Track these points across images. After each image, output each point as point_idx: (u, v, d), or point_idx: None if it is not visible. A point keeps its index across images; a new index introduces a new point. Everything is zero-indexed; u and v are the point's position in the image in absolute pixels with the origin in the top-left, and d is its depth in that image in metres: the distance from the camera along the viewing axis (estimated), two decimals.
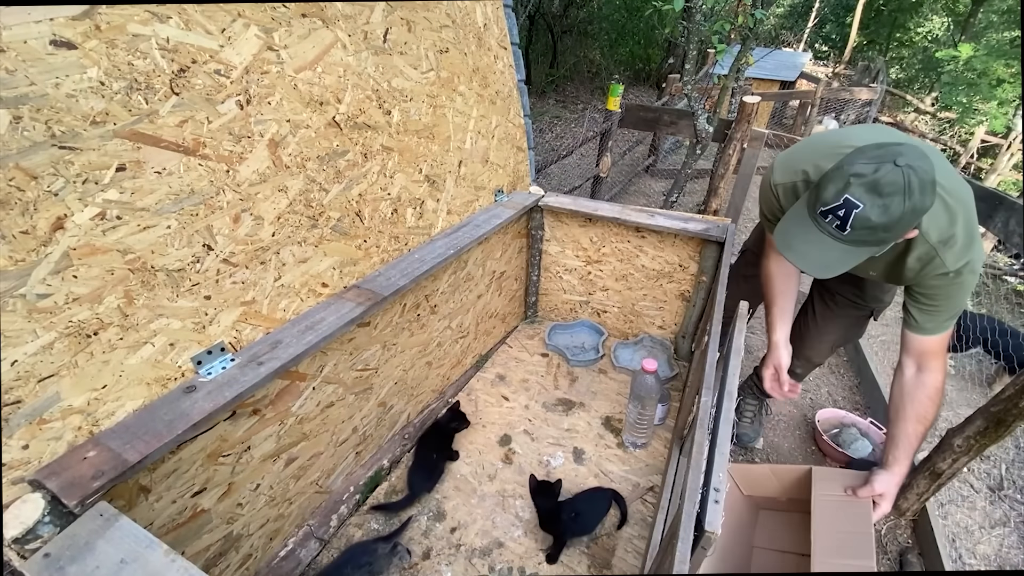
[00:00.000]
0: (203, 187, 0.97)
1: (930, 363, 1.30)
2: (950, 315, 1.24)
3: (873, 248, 1.06)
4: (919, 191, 0.96)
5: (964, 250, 1.13)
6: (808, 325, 1.76)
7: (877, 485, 1.34)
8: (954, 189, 1.13)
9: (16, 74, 0.70)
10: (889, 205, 0.97)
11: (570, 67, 11.68)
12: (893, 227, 1.00)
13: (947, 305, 1.22)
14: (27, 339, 0.78)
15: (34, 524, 0.73)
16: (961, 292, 1.20)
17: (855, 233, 1.01)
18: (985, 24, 12.05)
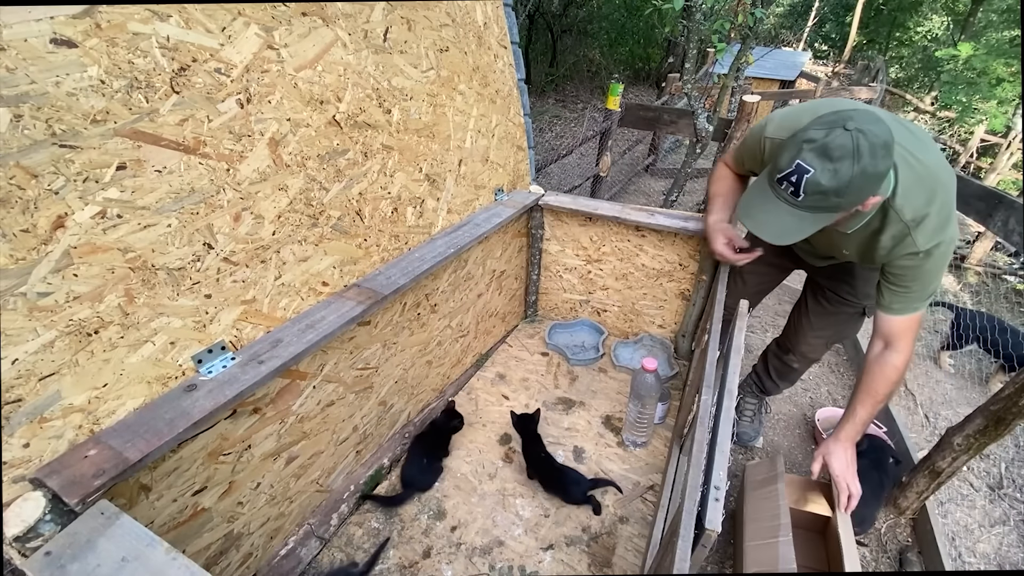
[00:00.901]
0: (203, 186, 0.97)
1: (897, 343, 1.29)
2: (920, 297, 1.23)
3: (827, 215, 1.06)
4: (868, 154, 0.96)
5: (937, 231, 1.12)
6: (802, 322, 1.76)
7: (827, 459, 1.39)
8: (935, 169, 1.13)
9: (16, 72, 0.70)
10: (839, 169, 0.97)
11: (570, 66, 11.68)
12: (844, 191, 1.00)
13: (917, 287, 1.21)
14: (28, 338, 0.78)
15: (35, 522, 0.74)
16: (931, 274, 1.19)
17: (808, 199, 1.02)
18: (985, 23, 12.04)
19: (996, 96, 7.30)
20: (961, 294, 4.07)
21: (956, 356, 2.89)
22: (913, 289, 1.21)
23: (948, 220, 1.14)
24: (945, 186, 1.14)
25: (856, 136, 0.96)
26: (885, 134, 0.98)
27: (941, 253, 1.15)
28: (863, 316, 1.65)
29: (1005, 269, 4.41)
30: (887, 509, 1.78)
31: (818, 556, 1.54)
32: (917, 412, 2.45)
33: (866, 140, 0.96)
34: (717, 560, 1.63)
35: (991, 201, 1.64)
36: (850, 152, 0.96)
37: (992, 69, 7.34)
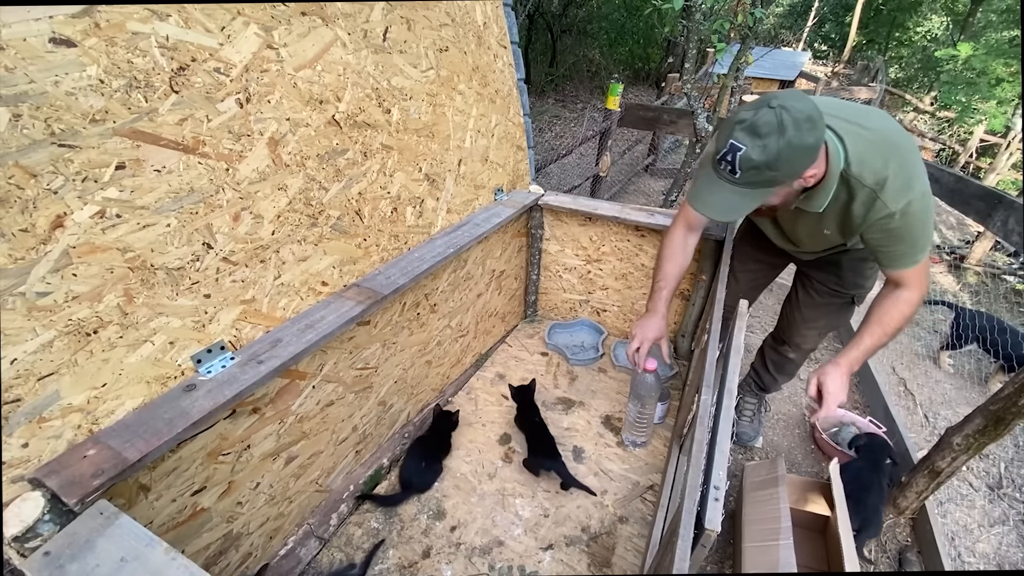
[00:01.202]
0: (203, 185, 0.97)
1: (909, 285, 1.30)
2: (916, 251, 1.24)
3: (765, 189, 1.11)
4: (793, 128, 1.01)
5: (903, 190, 1.15)
6: (794, 315, 1.77)
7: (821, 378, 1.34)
8: (884, 133, 1.17)
9: (15, 72, 0.70)
10: (767, 144, 1.03)
11: (569, 66, 11.69)
12: (775, 164, 1.05)
13: (906, 245, 1.23)
14: (27, 337, 0.77)
15: (34, 522, 0.73)
16: (915, 230, 1.20)
17: (745, 175, 1.08)
18: (984, 23, 12.05)
19: (995, 96, 7.30)
20: (961, 294, 4.07)
21: (955, 356, 2.89)
22: (906, 246, 1.23)
23: (912, 178, 1.16)
24: (899, 147, 1.17)
25: (780, 112, 1.02)
26: (809, 109, 1.04)
27: (916, 209, 1.17)
28: (853, 305, 1.67)
29: (1004, 269, 4.41)
30: (886, 509, 1.78)
31: (818, 556, 1.54)
32: (916, 412, 2.45)
33: (789, 115, 1.02)
34: (717, 560, 1.63)
35: (991, 201, 1.64)
36: (775, 127, 1.02)
37: (991, 69, 7.34)
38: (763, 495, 1.50)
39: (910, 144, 1.19)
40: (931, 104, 10.46)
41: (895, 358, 2.87)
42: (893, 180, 1.15)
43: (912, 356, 2.94)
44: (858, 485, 1.58)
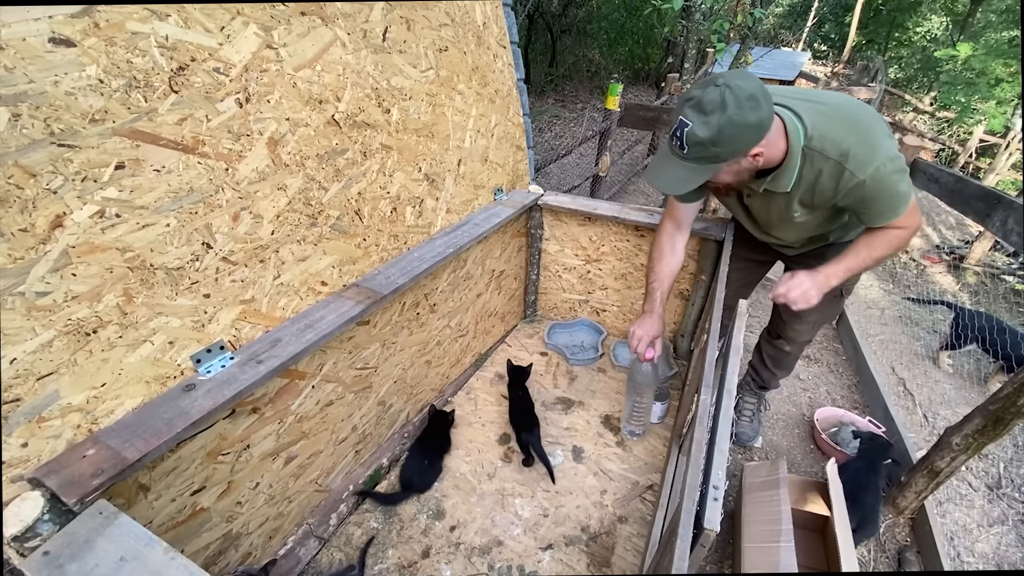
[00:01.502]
0: (202, 185, 0.97)
1: (900, 225, 1.30)
2: (897, 204, 1.24)
3: (711, 165, 1.16)
4: (735, 105, 1.06)
5: (869, 158, 1.16)
6: (787, 313, 1.77)
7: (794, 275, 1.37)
8: (842, 107, 1.22)
9: (15, 72, 0.70)
10: (710, 121, 1.08)
11: (569, 66, 11.69)
12: (718, 140, 1.10)
13: (884, 203, 1.23)
14: (26, 337, 0.77)
15: (33, 522, 0.74)
16: (889, 189, 1.20)
17: (691, 150, 1.13)
18: (984, 24, 12.05)
19: (995, 96, 7.31)
20: (960, 294, 4.07)
21: (955, 356, 2.89)
22: (881, 206, 1.24)
23: (875, 145, 1.17)
24: (857, 117, 1.20)
25: (724, 91, 1.06)
26: (753, 88, 1.08)
27: (886, 172, 1.18)
28: (841, 298, 1.69)
29: (1004, 269, 4.41)
30: (885, 509, 1.78)
31: (817, 556, 1.54)
32: (916, 412, 2.45)
33: (732, 94, 1.06)
34: (716, 560, 1.63)
35: (990, 201, 1.64)
36: (719, 105, 1.07)
37: (991, 69, 7.34)
38: (764, 496, 1.50)
39: (869, 113, 1.22)
40: (931, 104, 10.46)
41: (895, 358, 2.87)
42: (856, 149, 1.17)
43: (912, 356, 2.94)
44: (855, 485, 1.58)
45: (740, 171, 1.23)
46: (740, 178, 1.27)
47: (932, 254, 4.69)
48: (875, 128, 1.20)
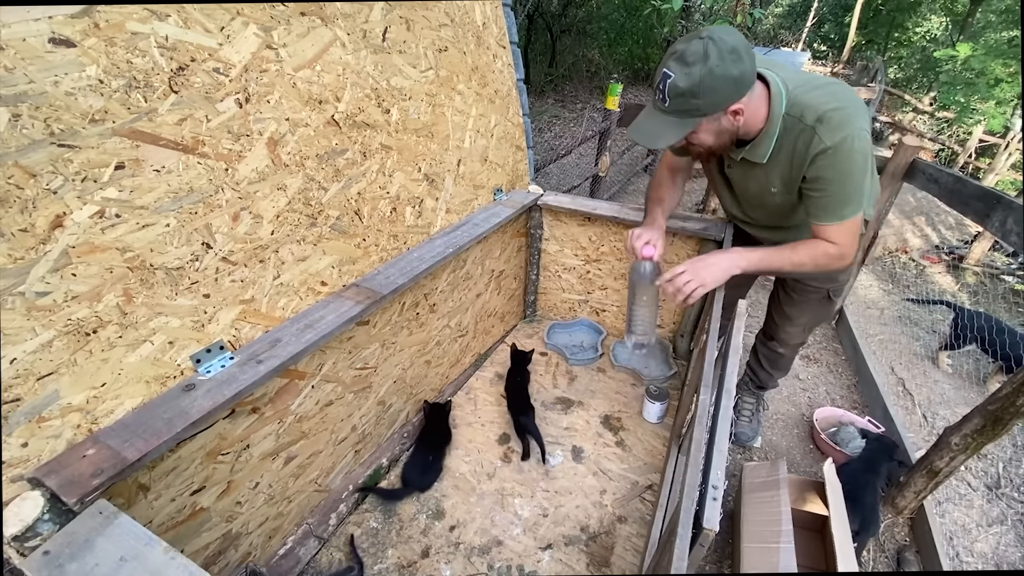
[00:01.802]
0: (202, 185, 0.97)
1: (835, 241, 1.31)
2: (843, 202, 1.24)
3: (691, 119, 1.16)
4: (717, 57, 1.07)
5: (841, 125, 1.16)
6: (776, 314, 1.82)
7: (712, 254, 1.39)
8: (832, 85, 1.23)
9: (15, 72, 0.70)
10: (691, 72, 1.08)
11: (569, 66, 11.68)
12: (698, 91, 1.10)
13: (833, 189, 1.22)
14: (26, 337, 0.78)
15: (33, 522, 0.74)
16: (845, 174, 1.20)
17: (672, 103, 1.13)
18: (983, 24, 12.05)
19: (994, 96, 7.31)
20: (960, 294, 4.07)
21: (954, 356, 2.90)
22: (830, 192, 1.23)
23: (852, 117, 1.17)
24: (844, 94, 1.20)
25: (707, 43, 1.07)
26: (735, 42, 1.09)
27: (851, 148, 1.17)
28: (830, 300, 1.70)
29: (1003, 269, 4.41)
30: (885, 509, 1.79)
31: (816, 555, 1.54)
32: (915, 412, 2.45)
33: (715, 46, 1.07)
34: (715, 560, 1.63)
35: (989, 201, 1.64)
36: (701, 57, 1.07)
37: (990, 69, 7.35)
38: (764, 496, 1.50)
39: (856, 98, 1.22)
40: (930, 104, 10.46)
41: (894, 358, 2.88)
42: (832, 115, 1.17)
43: (911, 356, 2.94)
44: (854, 485, 1.58)
45: (720, 131, 1.23)
46: (721, 141, 1.26)
47: (931, 254, 4.69)
48: (855, 107, 1.19)
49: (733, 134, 1.25)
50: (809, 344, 2.74)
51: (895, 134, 9.35)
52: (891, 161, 2.32)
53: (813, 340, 2.79)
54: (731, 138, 1.26)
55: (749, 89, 1.16)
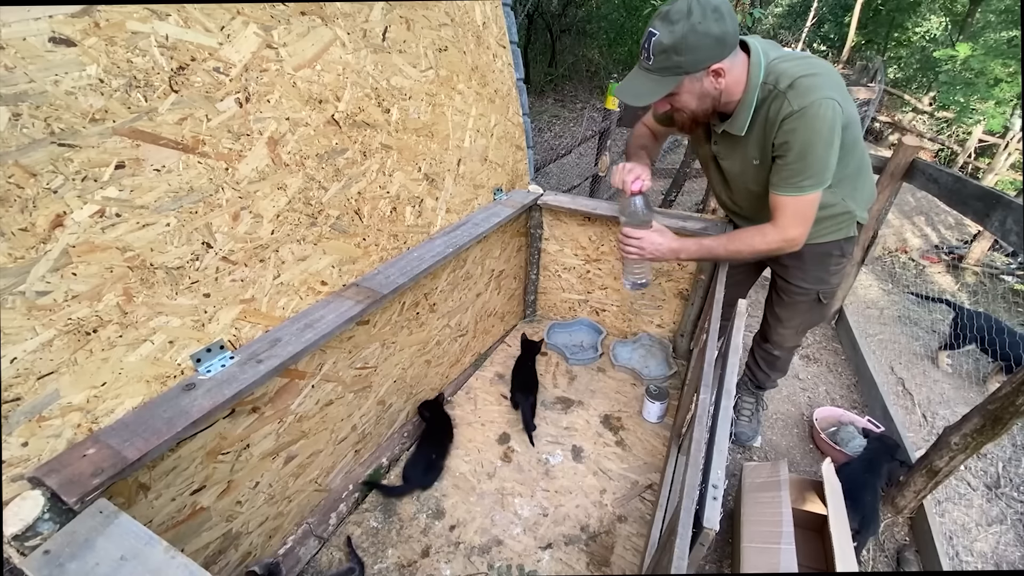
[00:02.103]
0: (202, 185, 0.97)
1: (777, 220, 1.34)
2: (797, 173, 1.25)
3: (673, 77, 1.21)
4: (699, 14, 1.12)
5: (810, 91, 1.18)
6: (769, 316, 1.83)
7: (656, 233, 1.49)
8: (813, 60, 1.26)
9: (15, 71, 0.70)
10: (674, 29, 1.13)
11: (569, 66, 11.68)
12: (680, 48, 1.15)
13: (793, 157, 1.24)
14: (26, 336, 0.78)
15: (34, 521, 0.74)
16: (807, 143, 1.21)
17: (656, 60, 1.18)
18: (983, 24, 12.05)
19: (994, 96, 7.32)
20: (959, 294, 4.07)
21: (954, 356, 2.90)
22: (790, 159, 1.25)
23: (823, 84, 1.19)
24: (820, 64, 1.23)
25: (691, 1, 1.12)
26: (719, 2, 1.13)
27: (815, 114, 1.18)
28: (819, 302, 1.70)
29: (1003, 269, 4.42)
30: (884, 508, 1.79)
31: (816, 555, 1.54)
32: (915, 412, 2.45)
33: (699, 4, 1.12)
34: (715, 559, 1.63)
35: (989, 201, 1.65)
36: (685, 14, 1.12)
37: (990, 69, 7.35)
38: (765, 497, 1.50)
39: (834, 73, 1.24)
40: (930, 104, 10.47)
41: (894, 358, 2.88)
42: (803, 81, 1.19)
43: (911, 356, 2.94)
44: (853, 484, 1.57)
45: (703, 94, 1.26)
46: (703, 105, 1.29)
47: (931, 254, 4.69)
48: (830, 79, 1.21)
49: (715, 99, 1.27)
50: (809, 344, 2.75)
51: (895, 134, 9.36)
52: (891, 161, 2.32)
53: (813, 340, 2.79)
54: (713, 103, 1.29)
55: (732, 50, 1.20)
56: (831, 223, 1.49)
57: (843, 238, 1.53)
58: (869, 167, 1.51)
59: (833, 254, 1.56)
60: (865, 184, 1.49)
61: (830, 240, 1.53)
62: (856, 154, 1.38)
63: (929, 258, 4.61)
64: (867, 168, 1.49)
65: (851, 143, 1.31)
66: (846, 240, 1.54)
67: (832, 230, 1.51)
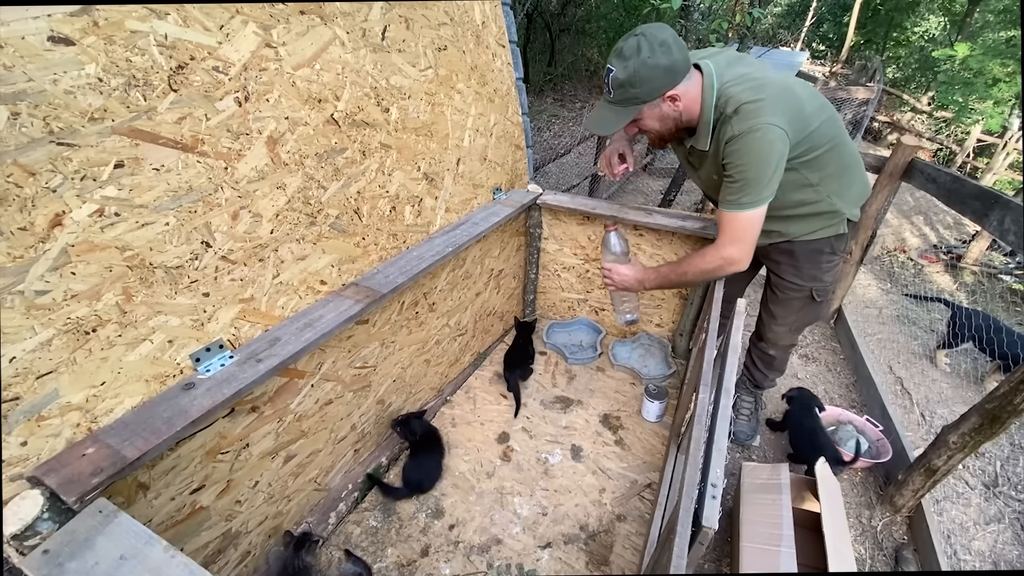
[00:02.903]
0: (201, 184, 0.97)
1: (720, 236, 1.43)
2: (742, 191, 1.33)
3: (632, 106, 1.32)
4: (648, 50, 1.23)
5: (751, 115, 1.27)
6: (765, 313, 1.85)
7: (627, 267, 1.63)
8: (768, 80, 1.32)
9: (14, 70, 0.70)
10: (627, 64, 1.24)
11: (568, 65, 11.67)
12: (634, 81, 1.26)
13: (737, 178, 1.32)
14: (26, 336, 0.77)
15: (33, 521, 0.73)
16: (746, 164, 1.30)
17: (615, 94, 1.30)
18: (981, 23, 12.07)
19: (992, 96, 7.33)
20: (957, 293, 4.08)
21: (952, 355, 2.90)
22: (733, 178, 1.33)
23: (766, 110, 1.26)
24: (771, 87, 1.29)
25: (639, 39, 1.23)
26: (665, 36, 1.24)
27: (753, 137, 1.27)
28: (813, 300, 1.71)
29: (1001, 269, 4.42)
30: (883, 507, 1.79)
31: (814, 553, 1.54)
32: (913, 411, 2.46)
33: (647, 40, 1.23)
34: (714, 558, 1.63)
35: (987, 201, 1.65)
36: (635, 51, 1.23)
37: (989, 69, 7.36)
38: (765, 499, 1.50)
39: (783, 96, 1.29)
40: (928, 104, 10.48)
41: (892, 357, 2.88)
42: (746, 107, 1.27)
43: (909, 355, 2.95)
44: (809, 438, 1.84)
45: (663, 116, 1.36)
46: (666, 125, 1.38)
47: (930, 253, 4.70)
48: (774, 104, 1.27)
49: (676, 119, 1.37)
50: (808, 343, 2.75)
51: (893, 133, 9.37)
52: (889, 160, 2.32)
53: (812, 339, 2.79)
54: (675, 123, 1.38)
55: (683, 77, 1.29)
56: (818, 220, 1.52)
57: (833, 235, 1.56)
58: (858, 166, 1.52)
59: (824, 251, 1.59)
60: (853, 182, 1.50)
61: (820, 237, 1.56)
62: (837, 154, 1.42)
63: (928, 258, 4.62)
64: (855, 167, 1.50)
65: (828, 143, 1.38)
66: (836, 237, 1.56)
67: (820, 227, 1.54)
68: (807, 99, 1.35)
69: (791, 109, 1.29)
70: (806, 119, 1.32)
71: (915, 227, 5.52)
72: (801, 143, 1.33)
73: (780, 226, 1.55)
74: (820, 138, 1.35)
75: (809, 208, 1.49)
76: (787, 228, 1.56)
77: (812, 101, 1.36)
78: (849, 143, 1.46)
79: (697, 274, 1.49)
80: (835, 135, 1.39)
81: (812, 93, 1.39)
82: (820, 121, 1.35)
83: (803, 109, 1.32)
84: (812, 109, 1.34)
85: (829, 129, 1.38)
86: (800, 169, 1.39)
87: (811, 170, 1.41)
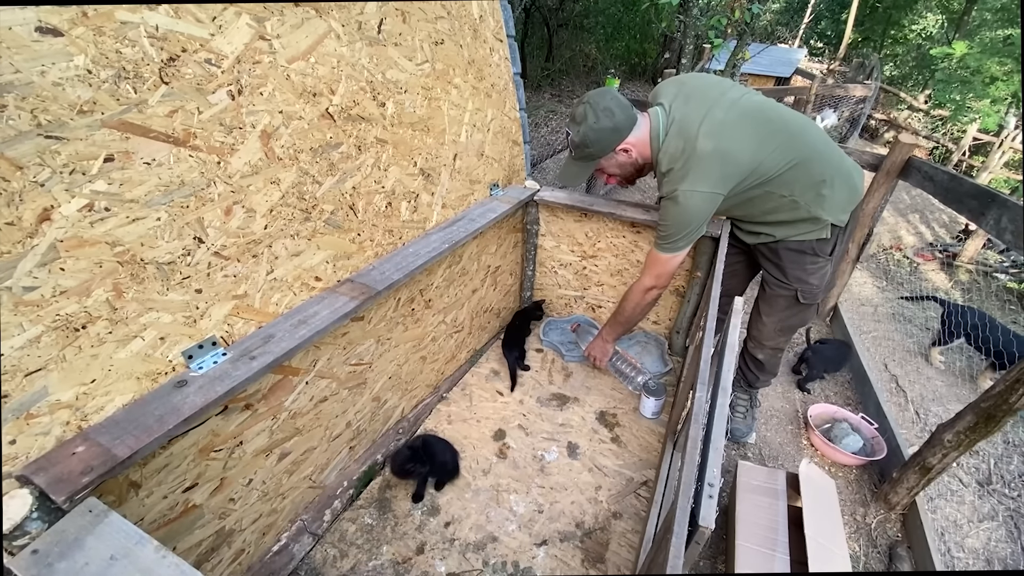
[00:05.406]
0: (194, 179, 0.95)
1: (646, 268, 1.69)
2: (662, 235, 1.56)
3: (591, 162, 1.56)
4: (592, 116, 1.45)
5: (675, 182, 1.45)
6: (755, 311, 1.88)
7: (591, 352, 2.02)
8: (701, 142, 1.40)
9: (0, 61, 0.68)
10: (579, 130, 1.47)
11: (566, 61, 11.62)
12: (588, 142, 1.48)
13: (662, 224, 1.55)
14: (13, 332, 0.76)
15: (22, 520, 0.72)
16: (671, 219, 1.50)
17: (576, 152, 1.54)
18: (979, 22, 12.09)
19: (989, 95, 7.35)
20: (953, 291, 4.10)
21: (947, 353, 2.91)
22: (660, 226, 1.56)
23: (687, 177, 1.42)
24: (702, 154, 1.39)
25: (586, 106, 1.46)
26: (607, 102, 1.45)
27: (675, 202, 1.46)
28: (800, 304, 1.71)
29: (996, 267, 4.44)
30: (878, 504, 1.80)
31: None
32: (908, 409, 2.47)
33: (591, 108, 1.45)
34: (709, 556, 1.64)
35: (984, 199, 1.65)
36: (584, 117, 1.46)
37: (986, 68, 7.38)
38: (762, 501, 1.50)
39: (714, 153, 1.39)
40: (925, 102, 10.50)
41: (887, 355, 2.89)
42: (672, 173, 1.46)
43: (904, 353, 2.96)
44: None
45: (621, 164, 1.56)
46: (626, 170, 1.59)
47: (925, 252, 4.71)
48: (697, 171, 1.40)
49: (633, 164, 1.56)
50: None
51: (890, 131, 9.38)
52: (886, 159, 2.32)
53: None
54: (634, 168, 1.58)
55: (628, 133, 1.49)
56: (801, 225, 1.56)
57: (815, 239, 1.58)
58: (839, 175, 1.50)
59: (806, 253, 1.61)
60: (835, 192, 1.50)
61: (803, 239, 1.58)
62: (803, 171, 1.46)
63: (923, 256, 4.63)
64: (834, 177, 1.49)
65: (787, 164, 1.43)
66: (818, 241, 1.58)
67: (802, 232, 1.57)
68: (747, 137, 1.40)
69: (717, 164, 1.40)
70: (745, 162, 1.41)
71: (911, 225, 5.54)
72: (748, 177, 1.43)
73: (766, 228, 1.62)
74: (772, 165, 1.43)
75: (788, 215, 1.55)
76: (772, 231, 1.62)
77: (756, 135, 1.41)
78: (823, 157, 1.47)
79: (633, 308, 1.76)
80: (794, 156, 1.43)
81: (759, 122, 1.42)
82: (770, 151, 1.41)
83: (737, 157, 1.40)
84: (753, 146, 1.40)
85: (785, 153, 1.43)
86: (765, 186, 1.48)
87: (777, 187, 1.48)
